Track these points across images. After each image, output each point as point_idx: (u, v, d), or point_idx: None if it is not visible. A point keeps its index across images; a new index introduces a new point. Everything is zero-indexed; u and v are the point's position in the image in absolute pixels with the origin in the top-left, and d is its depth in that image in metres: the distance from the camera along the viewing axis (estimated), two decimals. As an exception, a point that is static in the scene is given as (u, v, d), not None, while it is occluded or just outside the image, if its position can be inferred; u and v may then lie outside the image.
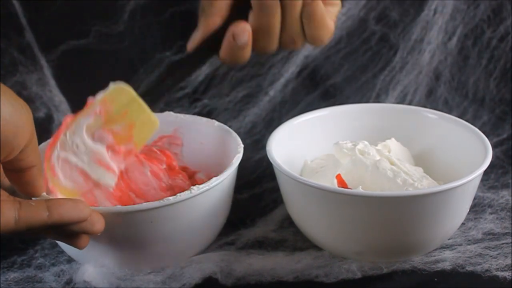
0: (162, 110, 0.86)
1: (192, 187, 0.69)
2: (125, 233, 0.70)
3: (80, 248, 0.68)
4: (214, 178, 0.71)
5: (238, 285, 0.72)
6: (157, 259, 0.73)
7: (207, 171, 0.81)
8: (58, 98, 0.96)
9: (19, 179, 0.64)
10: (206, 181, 0.71)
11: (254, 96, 1.00)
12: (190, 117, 0.84)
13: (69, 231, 0.65)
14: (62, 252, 0.77)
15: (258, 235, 0.79)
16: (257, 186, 0.87)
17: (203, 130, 0.82)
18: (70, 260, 0.76)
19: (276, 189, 0.80)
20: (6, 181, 0.67)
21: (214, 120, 0.82)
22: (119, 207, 0.68)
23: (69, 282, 0.73)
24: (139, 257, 0.72)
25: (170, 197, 0.68)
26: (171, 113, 0.84)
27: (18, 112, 0.59)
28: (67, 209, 0.63)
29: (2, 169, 0.65)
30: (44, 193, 0.67)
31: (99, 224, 0.66)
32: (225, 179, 0.72)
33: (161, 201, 0.68)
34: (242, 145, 0.77)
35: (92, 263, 0.73)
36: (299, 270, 0.73)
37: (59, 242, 0.74)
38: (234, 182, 0.76)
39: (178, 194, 0.69)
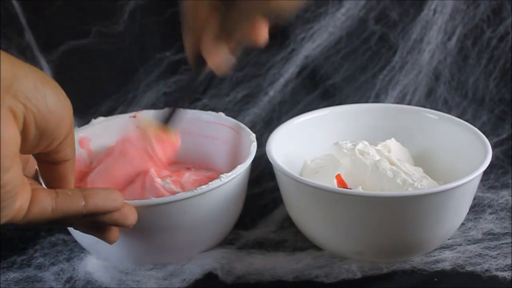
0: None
1: (220, 175, 0.71)
2: (156, 225, 0.70)
3: (110, 242, 0.68)
4: (239, 166, 0.72)
5: (238, 283, 0.72)
6: (181, 250, 0.74)
7: (219, 163, 0.83)
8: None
9: (52, 171, 0.63)
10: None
11: (254, 96, 1.01)
12: (197, 112, 0.84)
13: (101, 223, 0.65)
14: (61, 251, 0.77)
15: (259, 236, 0.79)
16: (257, 185, 0.87)
17: (211, 124, 0.83)
18: (69, 258, 0.76)
19: (275, 189, 0.80)
20: (29, 172, 0.67)
21: (221, 113, 0.83)
22: (153, 200, 0.69)
23: (69, 280, 0.73)
24: (162, 249, 0.73)
25: (203, 186, 0.69)
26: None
27: (62, 103, 0.59)
28: (101, 198, 0.63)
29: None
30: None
31: (132, 217, 0.66)
32: (247, 167, 0.74)
33: (194, 190, 0.69)
34: (253, 134, 0.78)
35: (105, 256, 0.74)
36: (299, 270, 0.73)
37: (77, 238, 0.75)
38: (249, 171, 0.77)
39: (210, 183, 0.70)
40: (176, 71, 1.01)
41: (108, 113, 0.86)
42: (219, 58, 0.70)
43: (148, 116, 0.78)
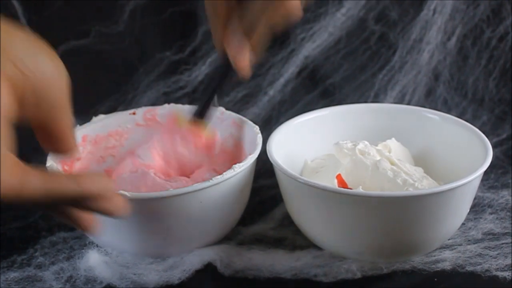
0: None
1: (234, 165, 0.72)
2: (172, 216, 0.71)
3: (90, 232, 0.65)
4: (249, 156, 0.73)
5: (236, 278, 0.72)
6: (193, 240, 0.74)
7: (221, 158, 0.83)
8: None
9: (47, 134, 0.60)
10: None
11: (254, 96, 1.01)
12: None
13: (91, 209, 0.61)
14: (61, 250, 0.77)
15: (258, 233, 0.79)
16: (255, 183, 0.87)
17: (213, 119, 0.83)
18: (69, 258, 0.76)
19: (273, 187, 0.80)
20: None
21: (221, 108, 0.84)
22: (171, 191, 0.69)
23: (69, 279, 0.73)
24: (178, 239, 0.73)
25: (218, 176, 0.70)
26: (179, 105, 0.85)
27: (58, 69, 0.56)
28: (93, 180, 0.60)
29: None
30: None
31: (121, 207, 0.62)
32: (255, 158, 0.75)
33: (210, 180, 0.70)
34: (257, 126, 0.79)
35: (118, 247, 0.75)
36: (298, 268, 0.73)
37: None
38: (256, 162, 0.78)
39: (224, 173, 0.71)
40: (176, 71, 1.01)
41: (108, 112, 0.86)
42: (244, 59, 0.72)
43: (179, 111, 0.81)
